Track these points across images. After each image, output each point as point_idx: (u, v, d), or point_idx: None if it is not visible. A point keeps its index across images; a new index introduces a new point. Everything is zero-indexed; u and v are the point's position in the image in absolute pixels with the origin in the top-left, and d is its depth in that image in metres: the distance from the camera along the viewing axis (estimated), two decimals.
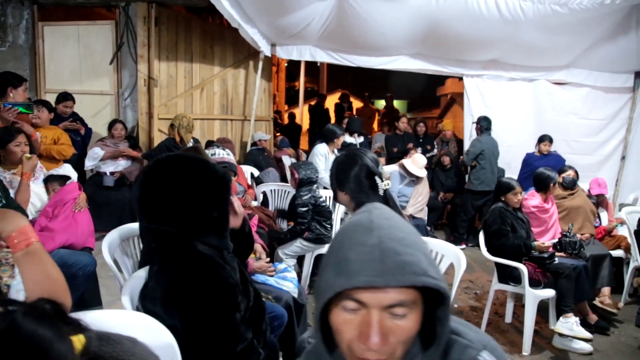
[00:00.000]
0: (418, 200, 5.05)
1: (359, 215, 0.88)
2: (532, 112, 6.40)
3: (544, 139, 5.58)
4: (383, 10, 5.14)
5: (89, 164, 4.71)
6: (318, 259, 3.91)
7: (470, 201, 5.74)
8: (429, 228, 5.41)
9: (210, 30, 5.93)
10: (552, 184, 4.02)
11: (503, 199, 3.65)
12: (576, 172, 4.50)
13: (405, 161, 5.10)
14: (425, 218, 5.21)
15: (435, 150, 6.67)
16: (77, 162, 4.47)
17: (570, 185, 4.44)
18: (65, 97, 4.74)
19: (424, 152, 6.20)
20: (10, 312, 0.77)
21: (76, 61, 5.43)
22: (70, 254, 2.78)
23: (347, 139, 5.98)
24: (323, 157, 4.52)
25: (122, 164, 4.82)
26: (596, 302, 3.83)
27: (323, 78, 13.30)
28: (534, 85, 6.34)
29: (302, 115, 12.89)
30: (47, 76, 5.44)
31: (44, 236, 2.71)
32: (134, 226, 2.32)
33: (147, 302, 1.53)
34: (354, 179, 1.87)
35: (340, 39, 5.75)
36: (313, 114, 9.50)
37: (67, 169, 3.19)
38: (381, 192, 1.86)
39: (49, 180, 3.08)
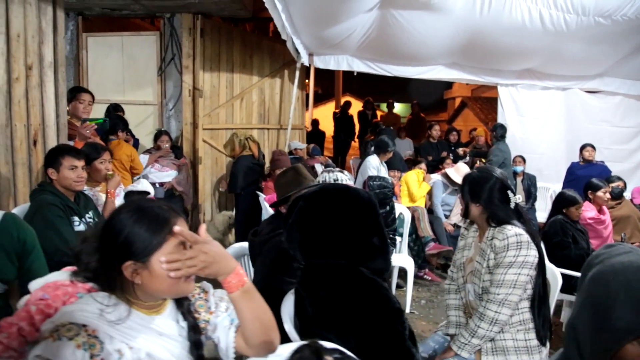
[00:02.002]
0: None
1: (626, 256, 0.95)
2: (564, 120, 6.49)
3: (586, 146, 5.47)
4: (426, 21, 5.19)
5: None
6: None
7: None
8: None
9: (249, 40, 5.97)
10: (589, 192, 4.09)
11: (564, 212, 3.71)
12: (625, 183, 4.57)
13: (449, 170, 5.14)
14: None
15: (468, 158, 6.72)
16: None
17: (618, 196, 4.50)
18: (115, 108, 4.78)
19: (455, 160, 6.25)
20: None
21: (119, 72, 5.45)
22: None
23: None
24: (375, 169, 4.55)
25: (170, 175, 4.86)
26: None
27: (339, 83, 13.29)
28: (566, 93, 6.43)
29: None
30: (90, 87, 5.43)
31: None
32: (242, 246, 2.36)
33: (318, 329, 1.57)
34: (488, 191, 1.95)
35: (379, 48, 5.79)
36: (338, 122, 9.52)
37: (144, 185, 3.22)
38: (512, 205, 1.92)
39: (129, 196, 3.11)
